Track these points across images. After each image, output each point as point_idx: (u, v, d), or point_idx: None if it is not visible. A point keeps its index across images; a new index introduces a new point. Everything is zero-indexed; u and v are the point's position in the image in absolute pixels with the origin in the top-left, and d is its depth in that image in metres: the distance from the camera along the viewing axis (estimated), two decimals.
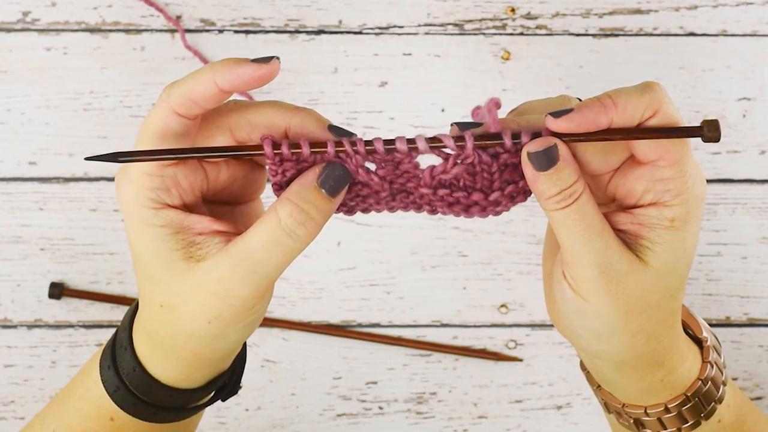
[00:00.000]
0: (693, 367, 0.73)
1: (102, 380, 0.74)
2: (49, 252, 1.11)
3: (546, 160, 0.66)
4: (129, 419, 0.74)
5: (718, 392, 0.74)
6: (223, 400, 0.78)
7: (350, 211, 0.70)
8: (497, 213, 0.69)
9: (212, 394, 0.76)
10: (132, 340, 0.73)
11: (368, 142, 0.67)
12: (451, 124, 0.68)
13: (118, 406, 0.73)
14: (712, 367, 0.74)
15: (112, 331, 1.10)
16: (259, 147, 0.67)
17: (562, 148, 0.66)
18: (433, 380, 1.12)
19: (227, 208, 0.73)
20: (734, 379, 1.12)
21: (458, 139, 0.66)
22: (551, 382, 1.13)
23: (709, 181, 1.13)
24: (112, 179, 1.11)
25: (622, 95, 0.66)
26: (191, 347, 0.70)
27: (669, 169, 0.66)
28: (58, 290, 1.10)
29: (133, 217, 0.68)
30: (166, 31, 1.12)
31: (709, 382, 0.73)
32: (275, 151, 0.67)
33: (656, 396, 0.73)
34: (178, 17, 1.12)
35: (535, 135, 0.66)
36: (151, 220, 0.67)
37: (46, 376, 1.11)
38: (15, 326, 1.11)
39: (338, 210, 0.70)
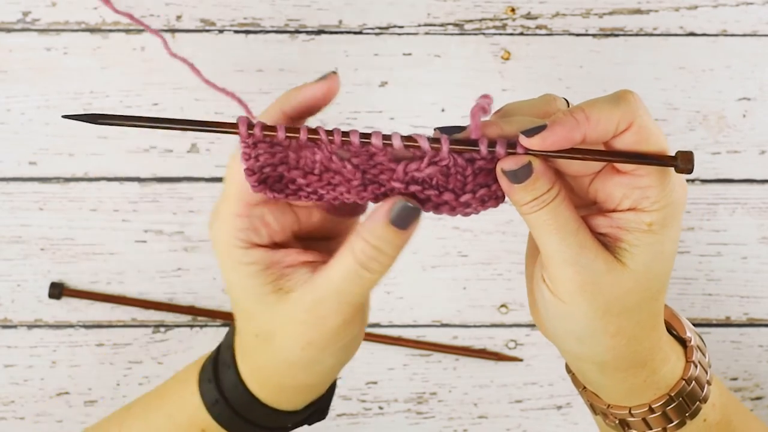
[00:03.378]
0: (676, 367, 0.73)
1: (200, 392, 0.75)
2: (49, 252, 1.11)
3: (521, 175, 0.66)
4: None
5: (702, 391, 0.74)
6: (310, 424, 0.79)
7: (320, 199, 0.70)
8: (466, 214, 0.70)
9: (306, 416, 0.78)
10: (235, 359, 0.74)
11: (345, 134, 0.67)
12: (434, 129, 0.68)
13: (214, 419, 0.74)
14: (696, 366, 0.74)
15: (113, 331, 1.10)
16: (234, 126, 0.67)
17: (536, 163, 0.66)
18: (433, 380, 1.12)
19: (323, 243, 0.74)
20: (734, 379, 1.12)
21: (434, 141, 0.67)
22: (551, 382, 1.13)
23: (709, 181, 1.13)
24: (112, 179, 1.11)
25: (595, 108, 0.65)
26: (291, 373, 0.72)
27: (647, 178, 0.66)
28: (58, 290, 1.10)
29: (225, 256, 0.70)
30: (166, 31, 1.12)
31: (693, 382, 0.73)
32: (249, 131, 0.67)
33: (640, 396, 0.73)
34: (178, 17, 1.12)
35: (512, 144, 0.66)
36: (242, 259, 0.69)
37: (46, 376, 1.11)
38: (15, 326, 1.11)
39: (308, 197, 0.70)
